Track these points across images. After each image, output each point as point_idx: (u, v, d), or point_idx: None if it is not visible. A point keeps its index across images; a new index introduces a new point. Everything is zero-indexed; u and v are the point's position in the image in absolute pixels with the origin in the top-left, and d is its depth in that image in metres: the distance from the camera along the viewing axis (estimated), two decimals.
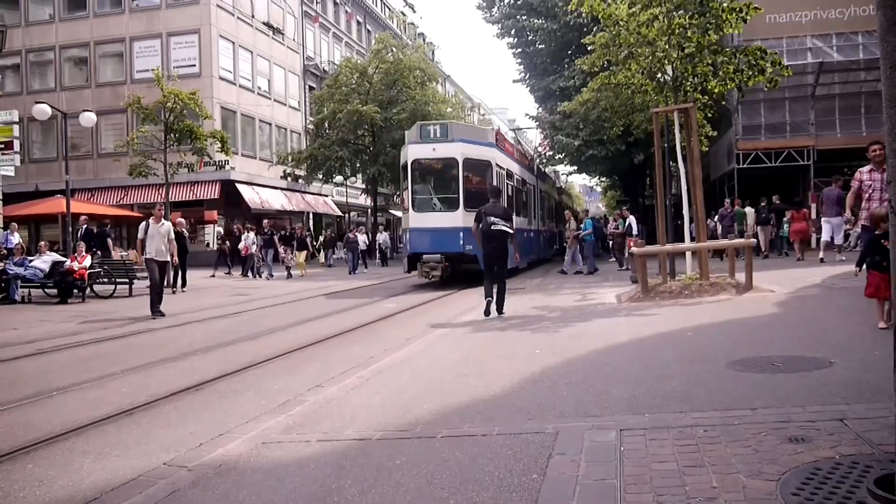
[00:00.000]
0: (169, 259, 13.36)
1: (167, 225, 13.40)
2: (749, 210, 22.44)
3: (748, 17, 12.40)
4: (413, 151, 18.21)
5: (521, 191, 22.70)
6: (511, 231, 10.68)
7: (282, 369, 7.42)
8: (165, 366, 7.94)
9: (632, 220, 20.48)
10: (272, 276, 24.67)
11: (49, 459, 4.54)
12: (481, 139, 19.06)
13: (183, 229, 19.28)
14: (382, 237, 35.71)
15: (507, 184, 19.64)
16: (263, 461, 4.09)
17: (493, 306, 10.47)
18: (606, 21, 12.88)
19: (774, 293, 10.72)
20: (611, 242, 24.70)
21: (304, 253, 27.16)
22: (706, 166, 25.57)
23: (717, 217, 22.66)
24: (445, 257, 17.55)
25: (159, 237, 12.99)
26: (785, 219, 21.44)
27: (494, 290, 10.54)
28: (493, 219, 10.50)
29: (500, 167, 19.12)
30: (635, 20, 12.35)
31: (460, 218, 17.02)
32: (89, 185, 34.74)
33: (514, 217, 11.94)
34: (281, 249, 26.15)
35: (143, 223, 13.33)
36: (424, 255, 17.79)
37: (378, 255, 33.61)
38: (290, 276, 24.97)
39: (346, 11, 51.21)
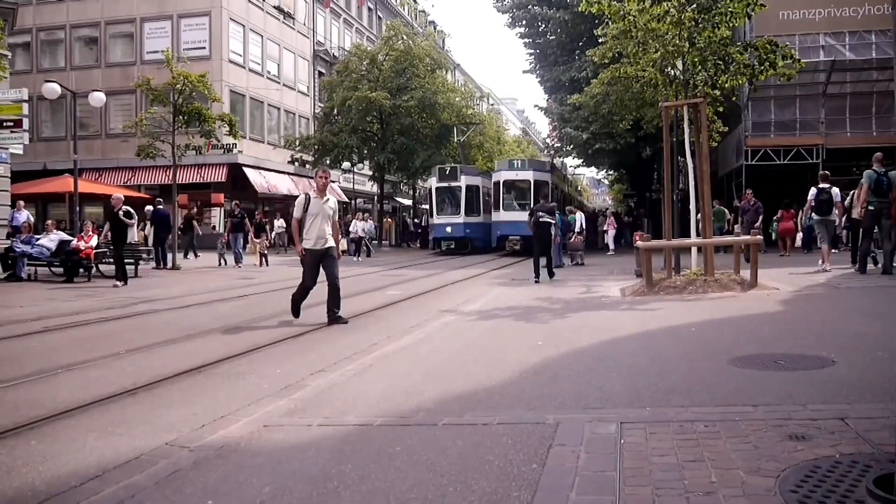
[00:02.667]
0: (335, 244, 9.46)
1: (333, 201, 9.58)
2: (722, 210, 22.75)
3: (753, 12, 12.31)
4: (503, 175, 30.68)
5: (559, 197, 32.18)
6: (553, 221, 15.76)
7: (284, 353, 7.44)
8: (169, 347, 7.98)
9: (579, 215, 22.40)
10: (241, 263, 22.76)
11: (52, 436, 4.57)
12: (543, 168, 32.05)
13: (121, 209, 16.05)
14: (363, 226, 29.76)
15: (555, 193, 31.09)
16: (264, 444, 4.11)
17: (538, 276, 15.03)
18: (615, 17, 12.80)
19: (779, 291, 10.71)
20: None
21: (263, 239, 24.97)
22: (714, 162, 25.48)
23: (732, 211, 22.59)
24: (521, 237, 27.59)
25: (322, 217, 9.22)
26: (775, 217, 21.67)
27: (543, 262, 15.25)
28: (540, 213, 15.42)
29: (552, 183, 31.50)
30: (646, 15, 12.29)
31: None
32: (97, 164, 34.83)
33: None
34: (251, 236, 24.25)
35: (302, 197, 9.49)
36: (510, 237, 29.27)
37: (354, 247, 29.14)
38: (264, 262, 23.21)
39: None
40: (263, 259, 23.37)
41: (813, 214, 14.25)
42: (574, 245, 20.88)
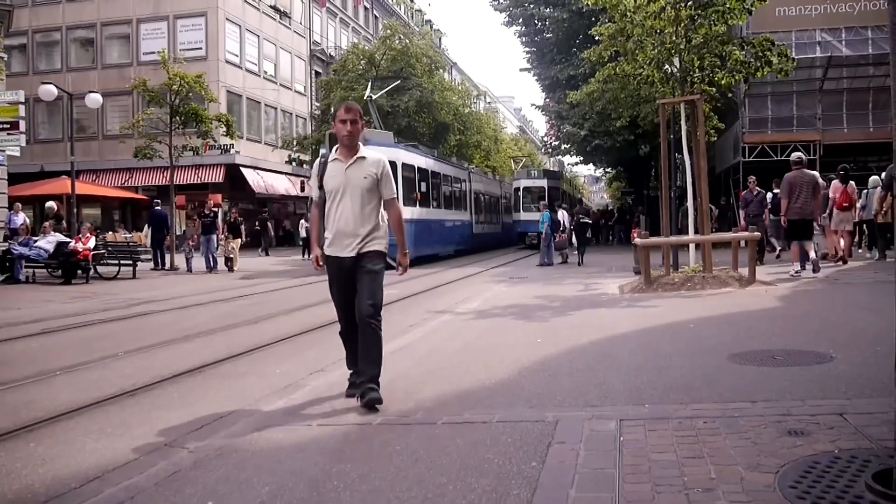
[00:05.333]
0: (382, 248, 4.98)
1: (375, 160, 4.98)
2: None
3: (753, 9, 12.34)
4: (522, 182, 36.05)
5: (567, 199, 38.06)
6: (590, 221, 20.39)
7: (284, 353, 7.44)
8: (168, 348, 7.98)
9: (562, 213, 22.29)
10: (215, 267, 20.48)
11: (52, 438, 4.57)
12: (555, 176, 38.51)
13: None
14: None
15: (564, 196, 37.03)
16: (264, 444, 4.11)
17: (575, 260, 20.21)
18: (613, 11, 12.81)
19: (777, 287, 10.72)
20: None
21: (238, 241, 22.07)
22: (712, 159, 25.51)
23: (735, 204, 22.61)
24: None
25: (352, 195, 4.90)
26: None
27: (581, 251, 20.55)
28: (580, 215, 21.65)
29: (563, 188, 38.76)
30: (643, 11, 12.29)
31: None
32: (94, 166, 34.76)
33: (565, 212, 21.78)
34: (222, 236, 21.64)
35: (316, 162, 5.22)
36: (528, 233, 32.35)
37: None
38: (230, 268, 20.70)
39: None
40: (230, 264, 20.87)
41: (771, 216, 16.49)
42: (559, 243, 21.05)
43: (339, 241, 4.92)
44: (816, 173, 12.56)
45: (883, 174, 13.70)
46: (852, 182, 14.50)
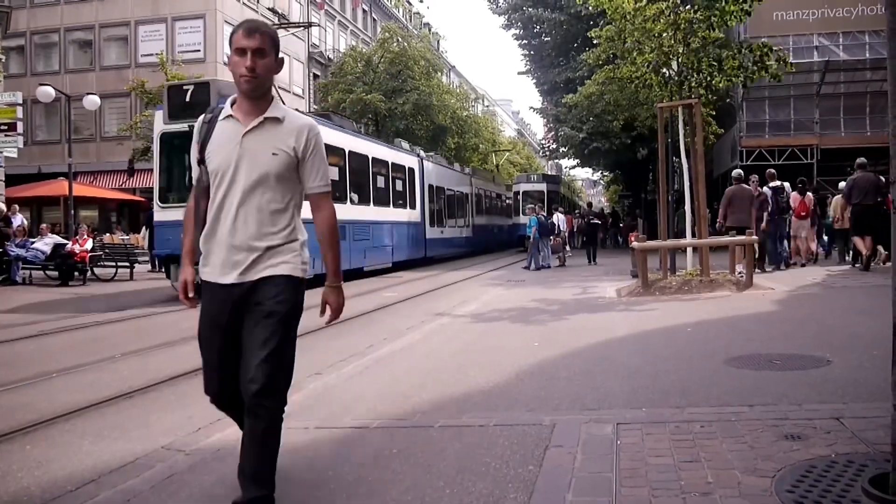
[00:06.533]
0: (291, 271, 3.02)
1: (299, 125, 2.99)
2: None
3: (751, 9, 12.36)
4: (522, 186, 38.45)
5: (562, 201, 39.07)
6: (599, 223, 22.42)
7: None
8: (165, 350, 7.96)
9: (557, 217, 22.63)
10: None
11: (48, 441, 4.56)
12: (554, 180, 40.89)
13: None
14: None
15: (563, 199, 39.22)
16: None
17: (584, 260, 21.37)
18: (613, 14, 12.84)
19: (774, 291, 10.74)
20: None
21: None
22: (709, 163, 25.56)
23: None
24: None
25: (260, 181, 2.92)
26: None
27: (592, 252, 21.73)
28: (591, 217, 23.38)
29: (562, 192, 40.47)
30: (641, 14, 12.32)
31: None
32: (92, 168, 34.70)
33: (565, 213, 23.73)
34: None
35: (199, 120, 3.07)
36: (527, 236, 28.43)
37: None
38: None
39: None
40: None
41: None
42: (554, 246, 21.14)
43: (220, 256, 3.01)
44: (751, 188, 13.88)
45: (842, 183, 14.10)
46: (809, 193, 15.56)
